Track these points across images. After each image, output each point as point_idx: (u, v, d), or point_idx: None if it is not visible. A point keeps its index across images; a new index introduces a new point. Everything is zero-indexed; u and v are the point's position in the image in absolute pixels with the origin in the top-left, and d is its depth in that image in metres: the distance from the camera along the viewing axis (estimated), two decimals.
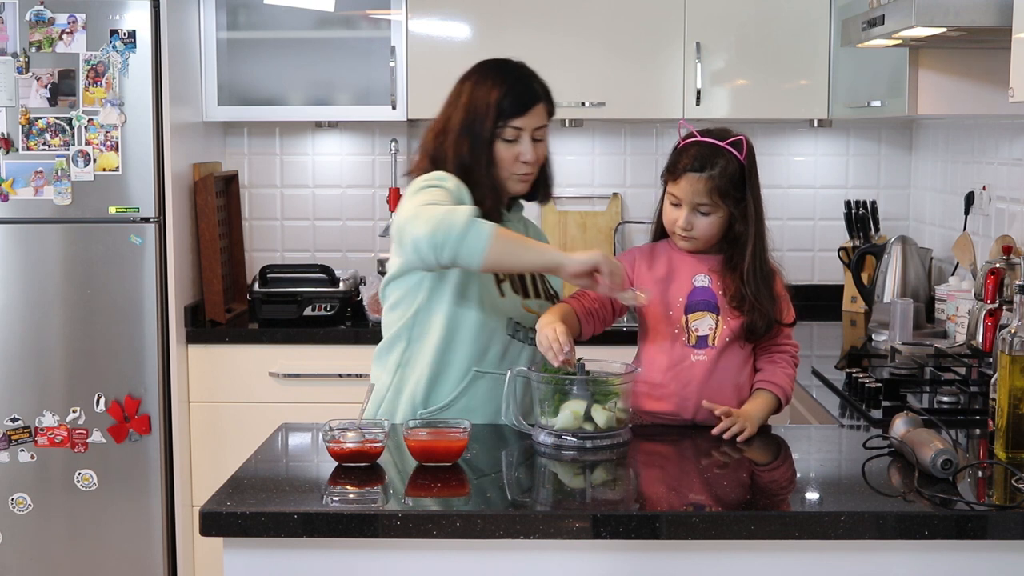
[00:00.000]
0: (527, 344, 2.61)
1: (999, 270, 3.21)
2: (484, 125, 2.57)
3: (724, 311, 2.57)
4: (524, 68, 2.67)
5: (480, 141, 2.57)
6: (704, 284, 2.59)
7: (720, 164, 2.53)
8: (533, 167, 2.63)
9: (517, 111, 2.58)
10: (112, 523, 3.99)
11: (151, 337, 3.94)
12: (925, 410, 2.78)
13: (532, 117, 2.60)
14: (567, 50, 4.21)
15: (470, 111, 2.59)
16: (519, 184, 2.65)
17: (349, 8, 4.27)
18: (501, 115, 2.58)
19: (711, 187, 2.52)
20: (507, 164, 2.60)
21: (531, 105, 2.60)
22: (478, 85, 2.61)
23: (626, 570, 2.05)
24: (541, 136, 2.64)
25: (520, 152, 2.60)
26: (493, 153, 2.59)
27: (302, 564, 2.06)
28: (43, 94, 3.88)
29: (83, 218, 3.92)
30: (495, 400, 2.55)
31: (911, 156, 4.60)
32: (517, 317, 2.60)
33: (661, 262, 2.62)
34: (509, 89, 2.59)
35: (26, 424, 3.95)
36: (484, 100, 2.58)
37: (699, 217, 2.55)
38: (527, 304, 2.62)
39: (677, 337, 2.57)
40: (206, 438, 4.09)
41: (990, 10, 2.77)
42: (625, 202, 4.62)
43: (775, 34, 4.21)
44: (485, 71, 2.64)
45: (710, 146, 2.55)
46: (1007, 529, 2.00)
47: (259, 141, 4.64)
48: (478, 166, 2.57)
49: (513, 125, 2.58)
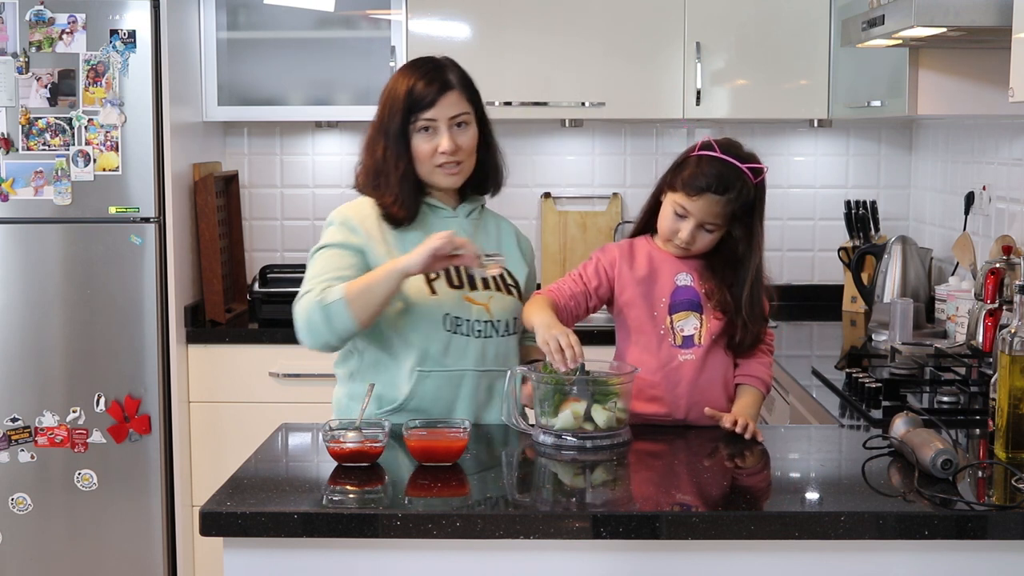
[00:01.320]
0: (473, 336, 2.58)
1: (999, 270, 3.21)
2: (395, 121, 2.56)
3: (707, 310, 2.58)
4: (441, 60, 2.63)
5: (392, 139, 2.57)
6: (686, 283, 2.59)
7: (738, 187, 2.52)
8: (459, 157, 2.59)
9: (427, 103, 2.56)
10: (112, 523, 3.99)
11: (151, 337, 3.94)
12: (925, 410, 2.78)
13: (444, 107, 2.56)
14: (567, 50, 4.21)
15: (382, 111, 2.59)
16: (446, 177, 2.61)
17: (349, 8, 4.27)
18: (411, 109, 2.56)
19: (727, 211, 2.52)
20: (426, 158, 2.58)
21: (440, 94, 2.56)
22: (394, 83, 2.60)
23: (626, 570, 2.05)
24: (464, 122, 2.60)
25: (438, 143, 2.57)
26: (411, 149, 2.58)
27: (302, 564, 2.06)
28: (43, 94, 3.88)
29: (83, 218, 3.92)
30: (444, 398, 2.56)
31: (911, 156, 4.60)
32: (456, 311, 2.57)
33: (641, 261, 2.62)
34: (417, 81, 2.56)
35: (26, 424, 3.95)
36: (394, 95, 2.58)
37: (703, 233, 2.55)
38: (471, 296, 2.59)
39: (663, 338, 2.58)
40: (206, 438, 4.09)
41: (990, 10, 2.77)
42: (625, 202, 4.62)
43: (775, 34, 4.20)
44: (404, 67, 2.64)
45: (732, 167, 2.52)
46: (1007, 529, 2.00)
47: (259, 141, 4.64)
48: (390, 167, 2.58)
49: (424, 117, 2.56)
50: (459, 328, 2.56)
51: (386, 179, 2.59)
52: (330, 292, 2.47)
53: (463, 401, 2.58)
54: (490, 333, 2.59)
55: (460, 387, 2.57)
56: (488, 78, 4.21)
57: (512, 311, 2.64)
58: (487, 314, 2.59)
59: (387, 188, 2.59)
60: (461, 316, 2.57)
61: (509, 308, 2.63)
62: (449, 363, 2.56)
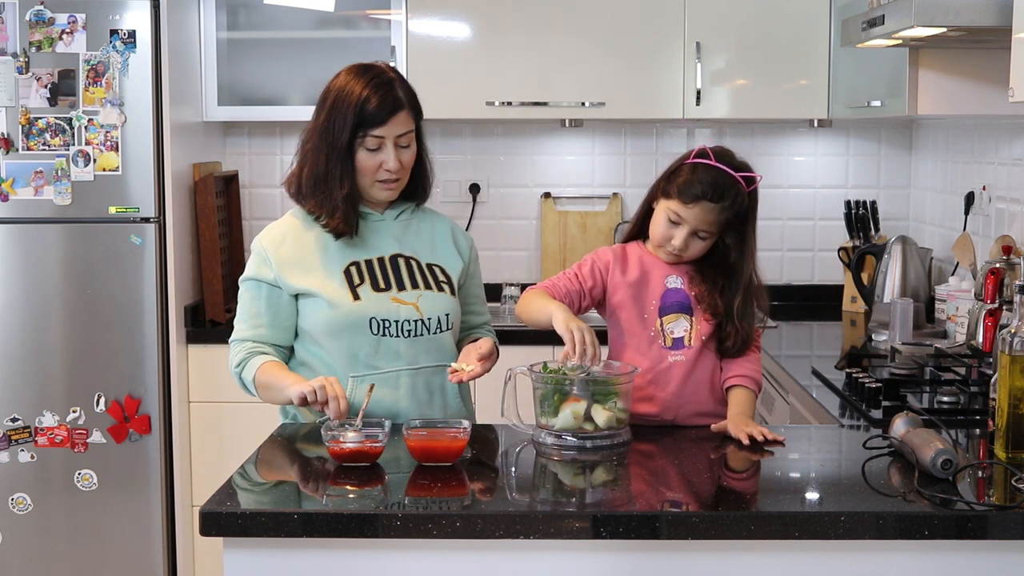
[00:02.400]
0: (402, 337, 2.59)
1: (999, 270, 3.21)
2: (342, 135, 2.54)
3: (697, 312, 2.59)
4: (388, 73, 2.60)
5: (336, 151, 2.55)
6: (676, 285, 2.61)
7: (731, 195, 2.54)
8: (399, 175, 2.60)
9: (378, 120, 2.54)
10: (112, 523, 3.99)
11: (151, 337, 3.94)
12: (925, 410, 2.78)
13: (394, 125, 2.56)
14: (567, 50, 4.21)
15: (329, 118, 2.56)
16: (384, 191, 2.62)
17: (349, 8, 4.27)
18: (361, 124, 2.54)
19: (722, 219, 2.54)
20: (369, 172, 2.58)
21: (392, 113, 2.55)
22: (340, 91, 2.57)
23: (626, 570, 2.05)
24: (407, 143, 2.60)
25: (383, 161, 2.57)
26: (353, 162, 2.57)
27: (302, 564, 2.06)
28: (43, 94, 3.88)
29: (83, 218, 3.92)
30: (384, 400, 2.56)
31: (911, 156, 4.60)
32: (382, 314, 2.58)
33: (633, 265, 2.64)
34: (368, 97, 2.54)
35: (26, 424, 3.96)
36: (343, 108, 2.54)
37: (696, 241, 2.57)
38: (398, 296, 2.60)
39: (653, 340, 2.59)
40: (206, 438, 4.09)
41: (990, 10, 2.77)
42: (625, 202, 4.62)
43: (775, 34, 4.21)
44: (349, 75, 2.59)
45: (726, 176, 2.54)
46: (1007, 529, 2.00)
47: (259, 141, 4.64)
48: (331, 179, 2.57)
49: (373, 134, 2.55)
50: (387, 330, 2.58)
51: (329, 195, 2.58)
52: (248, 368, 2.61)
53: (404, 401, 2.60)
54: (421, 331, 2.61)
55: (397, 388, 2.59)
56: (488, 78, 4.25)
57: (444, 308, 2.65)
58: (417, 313, 2.60)
59: (329, 203, 2.59)
60: (388, 318, 2.58)
61: (441, 305, 2.64)
62: (381, 365, 2.58)
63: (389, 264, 2.63)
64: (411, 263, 2.66)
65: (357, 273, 2.60)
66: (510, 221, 4.59)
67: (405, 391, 2.60)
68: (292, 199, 2.68)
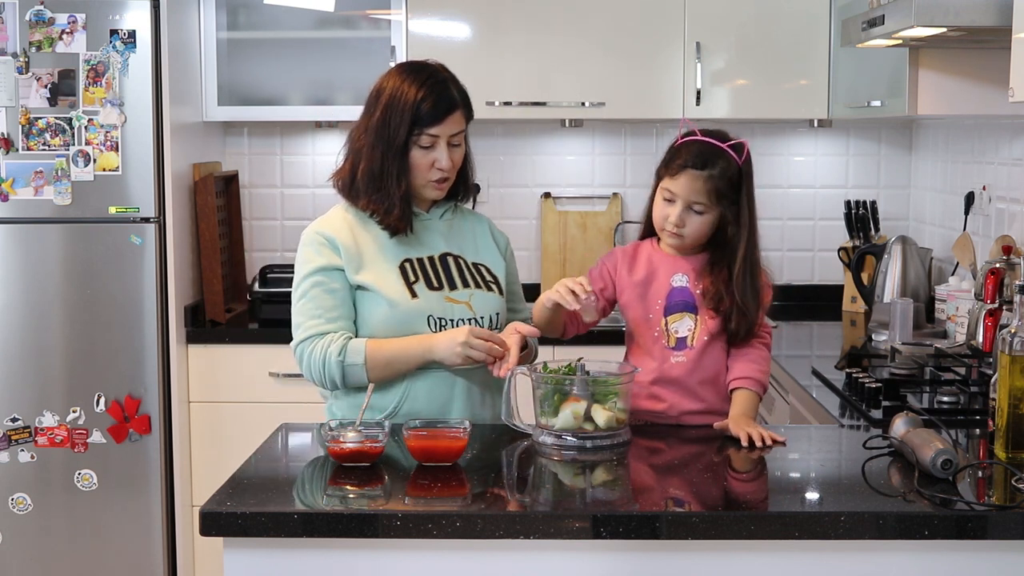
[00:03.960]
0: None
1: (999, 270, 3.21)
2: (399, 132, 2.55)
3: (702, 311, 2.59)
4: (442, 72, 2.62)
5: (393, 148, 2.56)
6: (682, 284, 2.61)
7: (720, 165, 2.54)
8: (449, 174, 2.61)
9: (434, 119, 2.55)
10: (112, 523, 3.99)
11: (151, 337, 3.94)
12: (925, 410, 2.78)
13: (449, 124, 2.57)
14: (567, 50, 4.21)
15: (385, 117, 2.56)
16: (434, 191, 2.62)
17: (349, 8, 4.27)
18: (417, 123, 2.55)
19: (709, 187, 2.53)
20: (422, 171, 2.58)
21: (448, 112, 2.56)
22: (395, 89, 2.57)
23: (626, 570, 2.05)
24: (458, 142, 2.61)
25: (436, 159, 2.57)
26: (407, 160, 2.57)
27: (302, 564, 2.06)
28: (43, 94, 3.88)
29: (83, 218, 3.92)
30: (437, 400, 2.56)
31: (911, 156, 4.60)
32: (439, 312, 2.58)
33: (641, 264, 2.65)
34: (426, 96, 2.55)
35: (26, 424, 3.96)
36: (400, 106, 2.55)
37: (692, 215, 2.56)
38: (451, 296, 2.61)
39: (657, 340, 2.60)
40: (206, 438, 4.10)
41: (990, 10, 2.77)
42: (625, 202, 4.62)
43: (775, 34, 4.21)
44: (403, 74, 2.60)
45: (711, 146, 2.56)
46: (1007, 529, 2.00)
47: (259, 141, 4.64)
48: (388, 176, 2.57)
49: (429, 133, 2.55)
50: (443, 328, 2.57)
51: (386, 193, 2.58)
52: (350, 352, 2.51)
53: (457, 401, 2.58)
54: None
55: (453, 387, 2.58)
56: (488, 78, 4.25)
57: (494, 307, 2.65)
58: (470, 311, 2.60)
59: (386, 200, 2.58)
60: (444, 316, 2.58)
61: (491, 304, 2.65)
62: (434, 364, 2.56)
63: (439, 263, 2.63)
64: (460, 262, 2.66)
65: (412, 270, 2.60)
66: (510, 221, 4.58)
67: (460, 391, 2.58)
68: (343, 196, 2.66)
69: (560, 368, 2.45)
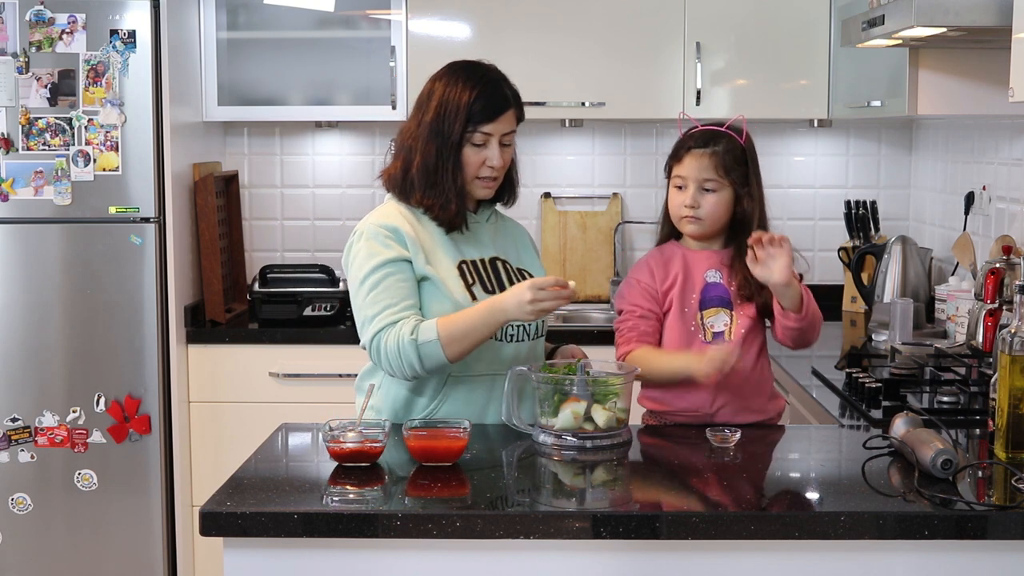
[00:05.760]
0: (505, 341, 2.58)
1: (999, 270, 3.21)
2: (453, 129, 2.55)
3: (737, 305, 2.61)
4: (495, 72, 2.65)
5: (448, 145, 2.56)
6: (715, 280, 2.64)
7: (723, 142, 2.62)
8: (499, 172, 2.62)
9: (487, 117, 2.56)
10: (112, 523, 3.99)
11: (151, 337, 3.94)
12: (925, 410, 2.78)
13: (502, 123, 2.58)
14: (567, 50, 4.21)
15: (439, 114, 2.57)
16: (483, 189, 2.63)
17: (349, 8, 4.27)
18: (471, 120, 2.56)
19: (716, 162, 2.59)
20: (473, 169, 2.59)
21: (501, 111, 2.58)
22: (449, 87, 2.58)
23: (626, 570, 2.05)
24: (509, 141, 2.63)
25: (487, 157, 2.58)
26: (460, 157, 2.57)
27: (302, 564, 2.06)
28: (43, 94, 3.88)
29: (83, 218, 3.92)
30: (476, 403, 2.56)
31: (911, 156, 4.60)
32: None
33: (674, 264, 2.67)
34: (480, 94, 2.57)
35: (26, 424, 3.95)
36: (455, 104, 2.56)
37: (705, 195, 2.60)
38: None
39: (694, 334, 2.62)
40: (206, 438, 4.09)
41: (990, 10, 2.77)
42: (625, 202, 4.62)
43: (775, 34, 4.21)
44: (457, 73, 2.61)
45: (711, 129, 2.65)
46: (1007, 529, 2.00)
47: (259, 141, 4.64)
48: (443, 171, 2.57)
49: (483, 131, 2.57)
50: (495, 333, 2.56)
51: (442, 188, 2.57)
52: (422, 331, 2.45)
53: (495, 405, 2.57)
54: (522, 337, 2.60)
55: (492, 391, 2.57)
56: None
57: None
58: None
59: (442, 195, 2.57)
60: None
61: None
62: (481, 368, 2.56)
63: (490, 266, 2.64)
64: (507, 266, 2.67)
65: (469, 273, 2.59)
66: None
67: (498, 396, 2.54)
68: (393, 193, 2.65)
69: (560, 368, 2.45)
